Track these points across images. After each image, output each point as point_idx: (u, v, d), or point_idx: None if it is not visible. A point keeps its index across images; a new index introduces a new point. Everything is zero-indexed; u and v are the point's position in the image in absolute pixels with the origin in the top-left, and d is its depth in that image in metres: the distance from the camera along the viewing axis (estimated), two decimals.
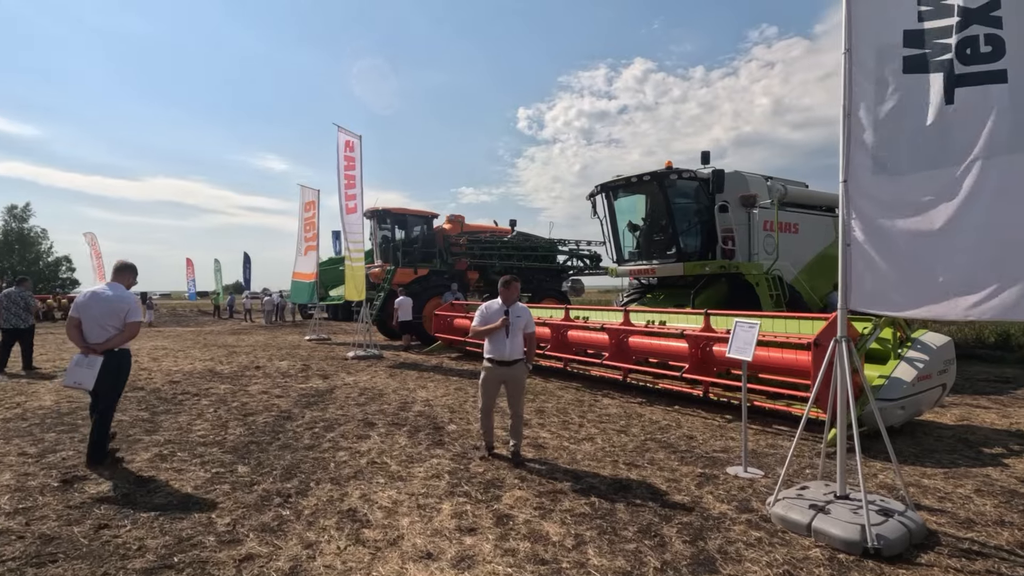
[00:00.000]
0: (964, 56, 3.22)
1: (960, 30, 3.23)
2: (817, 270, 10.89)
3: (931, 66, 3.34)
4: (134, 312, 4.79)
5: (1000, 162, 3.11)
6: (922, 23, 3.39)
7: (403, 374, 9.93)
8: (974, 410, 6.75)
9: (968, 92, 3.22)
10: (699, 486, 4.28)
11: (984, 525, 3.54)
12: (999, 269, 3.08)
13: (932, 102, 3.33)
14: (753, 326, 4.58)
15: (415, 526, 3.58)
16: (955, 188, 3.24)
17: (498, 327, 4.87)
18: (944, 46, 3.28)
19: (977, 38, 3.19)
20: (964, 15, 3.22)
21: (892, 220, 3.44)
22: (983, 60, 3.17)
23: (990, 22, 3.16)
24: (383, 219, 16.10)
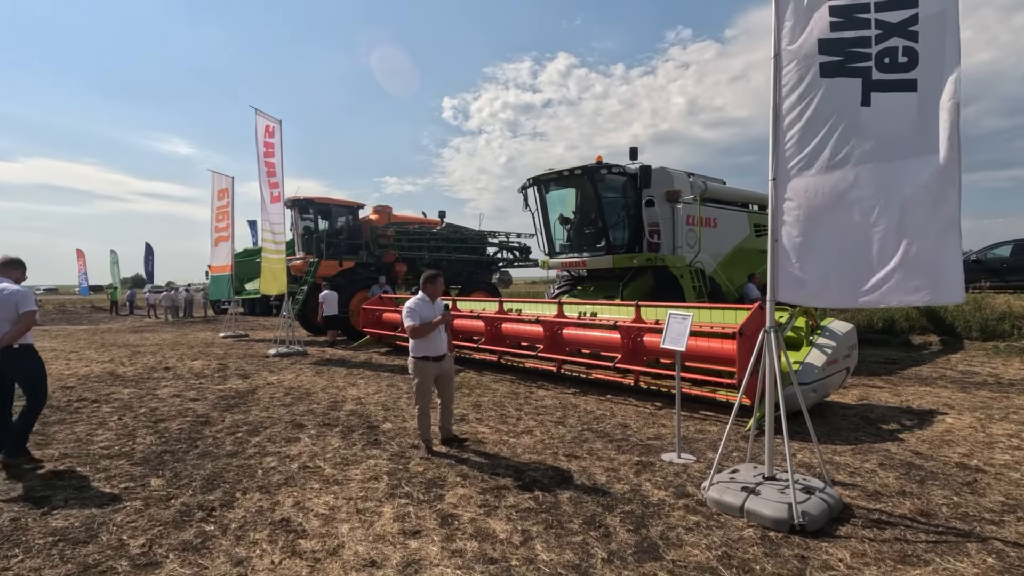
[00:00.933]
0: (882, 64, 3.48)
1: (880, 41, 3.49)
2: (733, 262, 11.57)
3: (848, 71, 3.57)
4: (25, 301, 4.45)
5: (908, 164, 3.40)
6: (835, 33, 3.62)
7: (331, 371, 9.52)
8: (870, 390, 7.44)
9: (883, 97, 3.49)
10: (637, 474, 4.40)
11: (889, 496, 3.89)
12: (907, 262, 3.38)
13: (849, 105, 3.57)
14: (686, 318, 4.75)
15: (356, 532, 3.42)
16: (868, 186, 3.51)
17: (440, 323, 4.87)
18: (862, 55, 3.53)
19: (896, 49, 3.47)
20: (885, 28, 3.50)
21: (815, 217, 3.66)
22: (900, 69, 3.45)
23: (909, 36, 3.45)
24: (305, 209, 15.31)
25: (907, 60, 3.42)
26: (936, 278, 3.36)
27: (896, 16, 3.46)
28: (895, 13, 3.47)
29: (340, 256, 14.90)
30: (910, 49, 3.41)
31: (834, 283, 3.62)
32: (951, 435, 5.32)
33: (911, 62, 3.41)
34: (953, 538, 3.27)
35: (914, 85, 3.39)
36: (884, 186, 3.49)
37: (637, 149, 10.01)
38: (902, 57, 3.43)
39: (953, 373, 8.60)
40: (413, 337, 4.90)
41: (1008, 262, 15.03)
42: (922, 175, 3.39)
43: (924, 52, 3.38)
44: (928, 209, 3.37)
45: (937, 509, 3.67)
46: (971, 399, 6.81)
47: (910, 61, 3.41)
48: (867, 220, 3.52)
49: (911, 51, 3.41)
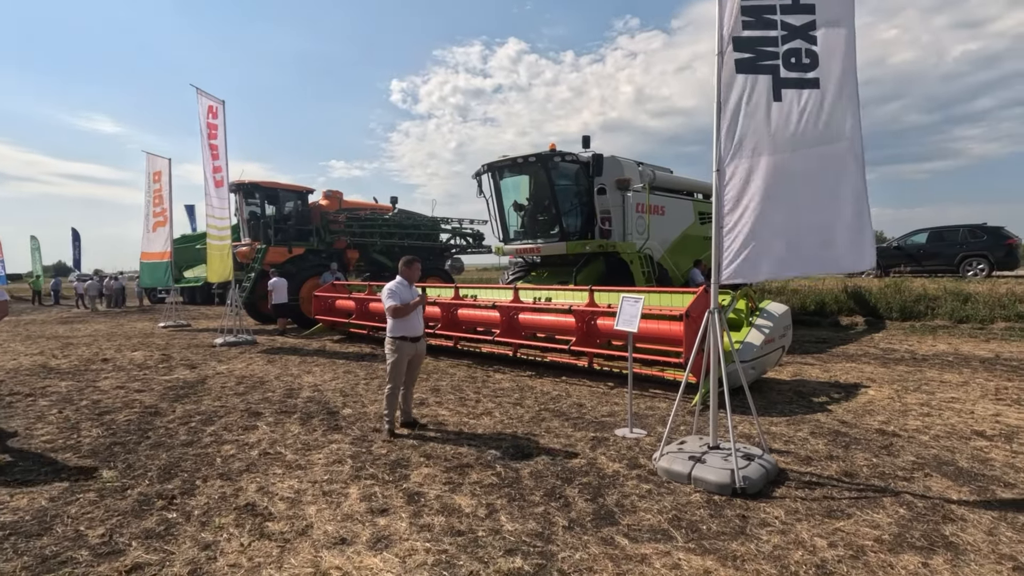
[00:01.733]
0: (789, 63, 3.89)
1: (786, 41, 3.90)
2: (680, 248, 12.08)
3: (759, 68, 3.95)
4: None
5: (817, 151, 3.86)
6: (746, 32, 3.97)
7: (283, 360, 9.35)
8: (803, 367, 8.02)
9: (791, 93, 3.89)
10: (593, 448, 4.64)
11: (818, 460, 4.29)
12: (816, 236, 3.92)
13: (762, 99, 3.95)
14: (638, 300, 5.01)
15: (323, 513, 3.48)
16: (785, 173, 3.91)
17: (418, 303, 5.08)
18: (772, 53, 3.92)
19: (800, 50, 3.88)
20: (790, 30, 3.90)
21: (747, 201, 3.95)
22: (804, 68, 3.87)
23: (809, 39, 3.86)
24: (251, 193, 14.77)
25: (809, 61, 3.84)
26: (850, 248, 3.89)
27: (798, 20, 3.87)
28: (797, 17, 3.88)
29: (289, 242, 14.52)
30: (811, 51, 3.83)
31: (765, 260, 3.96)
32: (872, 405, 5.86)
33: (812, 63, 3.83)
34: (872, 494, 3.67)
35: (817, 83, 3.82)
36: (798, 171, 3.90)
37: (590, 137, 10.26)
38: (805, 58, 3.84)
39: (875, 350, 9.37)
40: (394, 317, 5.02)
41: (924, 248, 16.34)
42: (831, 160, 3.88)
43: (823, 54, 3.82)
44: (839, 189, 3.86)
45: (859, 470, 4.08)
46: (890, 373, 7.47)
47: (812, 62, 3.83)
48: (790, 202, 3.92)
49: (812, 53, 3.83)
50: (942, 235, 16.19)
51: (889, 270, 16.61)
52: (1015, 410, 5.56)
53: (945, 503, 3.50)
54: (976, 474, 3.96)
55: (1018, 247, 15.53)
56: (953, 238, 15.86)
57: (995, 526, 3.20)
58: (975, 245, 15.34)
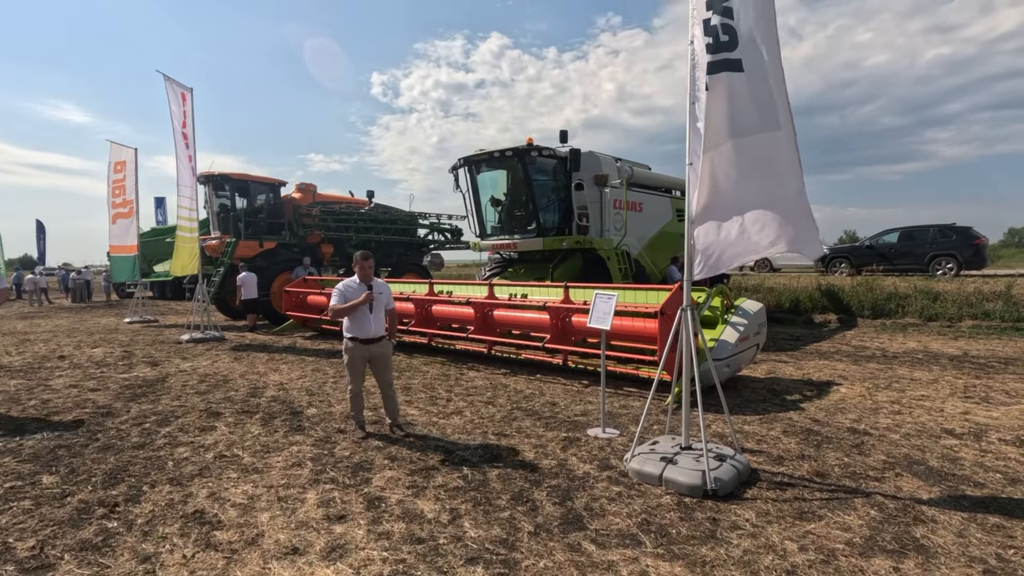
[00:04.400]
0: (710, 45, 3.52)
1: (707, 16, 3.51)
2: (657, 245, 12.04)
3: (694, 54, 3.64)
4: None
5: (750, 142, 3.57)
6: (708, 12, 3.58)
7: (250, 357, 9.06)
8: (777, 364, 8.03)
9: (715, 79, 3.54)
10: (564, 449, 4.52)
11: (790, 460, 4.24)
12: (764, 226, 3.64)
13: (700, 88, 3.67)
14: (611, 298, 4.90)
15: (276, 521, 3.30)
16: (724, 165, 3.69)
17: (362, 303, 4.64)
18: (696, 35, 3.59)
19: (717, 27, 3.47)
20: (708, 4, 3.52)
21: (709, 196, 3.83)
22: (724, 49, 3.48)
23: (724, 12, 3.45)
24: (220, 185, 14.32)
25: (728, 39, 3.45)
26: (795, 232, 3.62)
27: None
28: None
29: (260, 236, 14.12)
30: (727, 26, 3.44)
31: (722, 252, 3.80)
32: (844, 403, 5.85)
33: (732, 41, 3.44)
34: (843, 495, 3.61)
35: (740, 65, 3.45)
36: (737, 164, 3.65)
37: (567, 132, 10.11)
38: (723, 35, 3.45)
39: (848, 348, 9.44)
40: (331, 317, 4.76)
41: (896, 248, 16.61)
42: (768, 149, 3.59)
43: (740, 30, 3.43)
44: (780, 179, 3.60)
45: (830, 469, 4.03)
46: (862, 371, 7.51)
47: (731, 40, 3.44)
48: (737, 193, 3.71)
49: (729, 28, 3.43)
50: (912, 235, 16.47)
51: (861, 269, 16.85)
52: (983, 408, 5.60)
53: (916, 504, 3.46)
54: (946, 474, 3.93)
55: (985, 247, 15.88)
56: (923, 238, 16.15)
57: (965, 527, 3.16)
58: (944, 245, 15.63)
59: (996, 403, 5.77)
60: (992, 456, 4.26)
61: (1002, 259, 29.55)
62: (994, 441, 4.60)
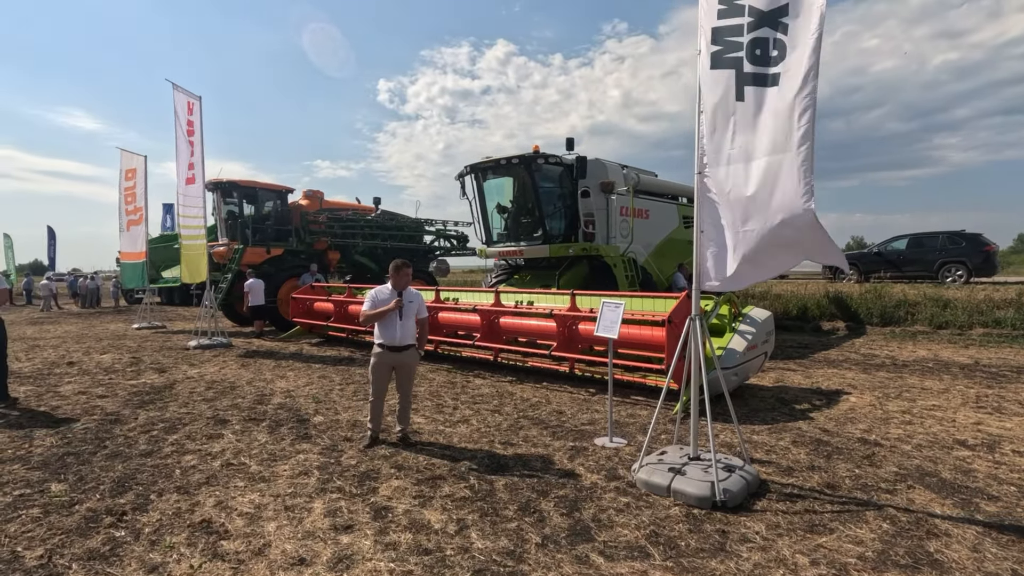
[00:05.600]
0: (753, 56, 3.44)
1: (752, 30, 3.44)
2: (664, 253, 12.01)
3: (724, 62, 3.56)
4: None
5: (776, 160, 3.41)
6: (720, 20, 3.58)
7: (257, 364, 9.08)
8: (785, 373, 7.97)
9: (754, 91, 3.46)
10: (571, 459, 4.49)
11: (800, 471, 4.19)
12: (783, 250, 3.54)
13: (729, 98, 3.57)
14: (618, 306, 4.88)
15: (283, 530, 3.29)
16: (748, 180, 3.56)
17: (391, 309, 4.67)
18: (735, 44, 3.51)
19: (768, 40, 3.40)
20: (756, 16, 3.43)
21: (720, 208, 3.78)
22: (769, 63, 3.39)
23: (779, 27, 3.37)
24: (229, 192, 14.44)
25: (777, 54, 3.37)
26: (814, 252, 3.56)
27: (767, 4, 3.41)
28: (766, 1, 3.41)
29: (268, 243, 14.21)
30: (780, 42, 3.35)
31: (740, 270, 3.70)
32: (854, 413, 5.79)
33: (780, 56, 3.35)
34: (855, 507, 3.57)
35: (777, 80, 3.37)
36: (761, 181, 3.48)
37: (573, 140, 10.14)
38: (772, 50, 3.37)
39: (857, 356, 9.36)
40: (361, 321, 4.82)
41: (904, 254, 16.49)
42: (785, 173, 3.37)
43: (792, 47, 3.32)
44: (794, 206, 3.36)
45: (841, 481, 3.98)
46: (871, 379, 7.43)
47: (779, 55, 3.36)
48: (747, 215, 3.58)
49: (781, 44, 3.35)
50: (921, 241, 16.35)
51: (870, 276, 16.74)
52: (996, 418, 5.53)
53: (929, 517, 3.41)
54: (959, 486, 3.88)
55: (996, 254, 15.74)
56: (932, 244, 16.03)
57: (980, 542, 3.11)
58: (954, 252, 15.50)
59: (1009, 413, 5.70)
60: (1006, 468, 4.20)
61: (1012, 266, 29.27)
62: (1008, 452, 4.54)
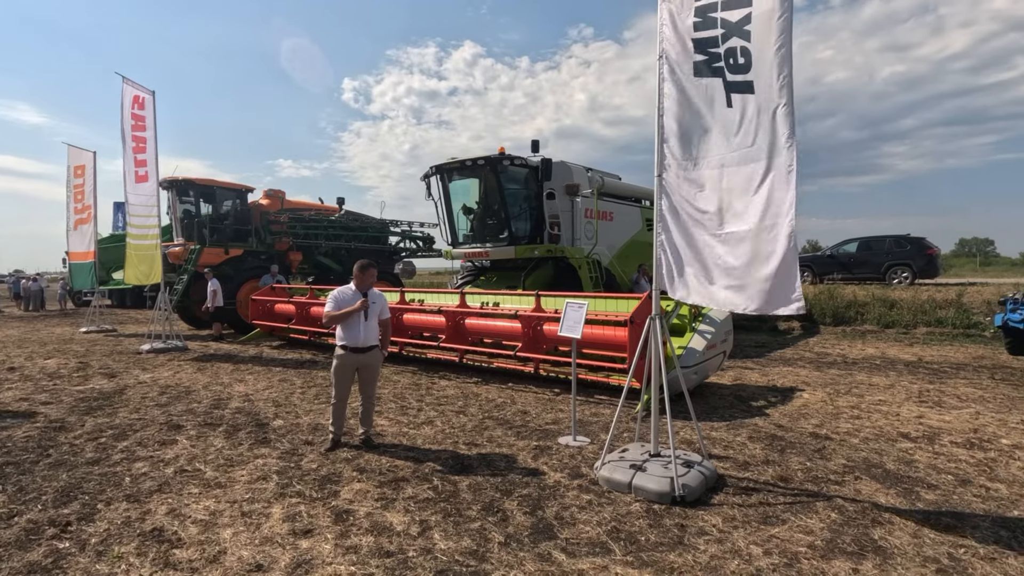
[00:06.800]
0: (731, 65, 3.59)
1: (724, 41, 3.60)
2: (627, 254, 12.22)
3: (711, 71, 3.69)
4: None
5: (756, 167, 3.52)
6: (698, 32, 3.74)
7: (215, 367, 8.81)
8: (744, 371, 8.21)
9: (740, 98, 3.59)
10: (535, 458, 4.52)
11: (755, 465, 4.33)
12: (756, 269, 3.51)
13: (716, 105, 3.69)
14: (581, 307, 4.94)
15: (240, 537, 3.20)
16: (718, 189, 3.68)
17: (357, 310, 4.62)
18: (716, 54, 3.66)
19: (736, 49, 3.55)
20: (726, 27, 3.60)
21: (685, 214, 3.88)
22: (742, 71, 3.54)
23: (744, 35, 3.52)
24: (185, 191, 13.97)
25: (744, 61, 3.51)
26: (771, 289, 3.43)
27: (735, 15, 3.56)
28: (734, 12, 3.56)
29: (226, 243, 13.80)
30: (745, 49, 3.50)
31: (693, 281, 3.81)
32: (807, 409, 6.02)
33: (747, 63, 3.49)
34: (806, 499, 3.71)
35: (752, 87, 3.49)
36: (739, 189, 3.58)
37: (538, 142, 10.21)
38: (740, 58, 3.52)
39: (810, 354, 9.73)
40: (324, 323, 4.76)
41: (855, 257, 17.22)
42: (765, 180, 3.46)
43: (755, 52, 3.46)
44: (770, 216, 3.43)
45: (794, 474, 4.13)
46: (823, 376, 7.74)
47: (747, 62, 3.50)
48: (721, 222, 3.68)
49: (746, 51, 3.50)
50: (870, 245, 17.11)
51: (823, 277, 17.40)
52: (936, 412, 5.83)
53: (874, 506, 3.57)
54: (902, 476, 4.08)
55: (938, 257, 16.60)
56: (880, 248, 16.79)
57: (920, 528, 3.28)
58: (899, 255, 16.28)
59: (948, 407, 6.02)
60: (944, 458, 4.44)
61: (953, 268, 30.88)
62: (946, 444, 4.79)
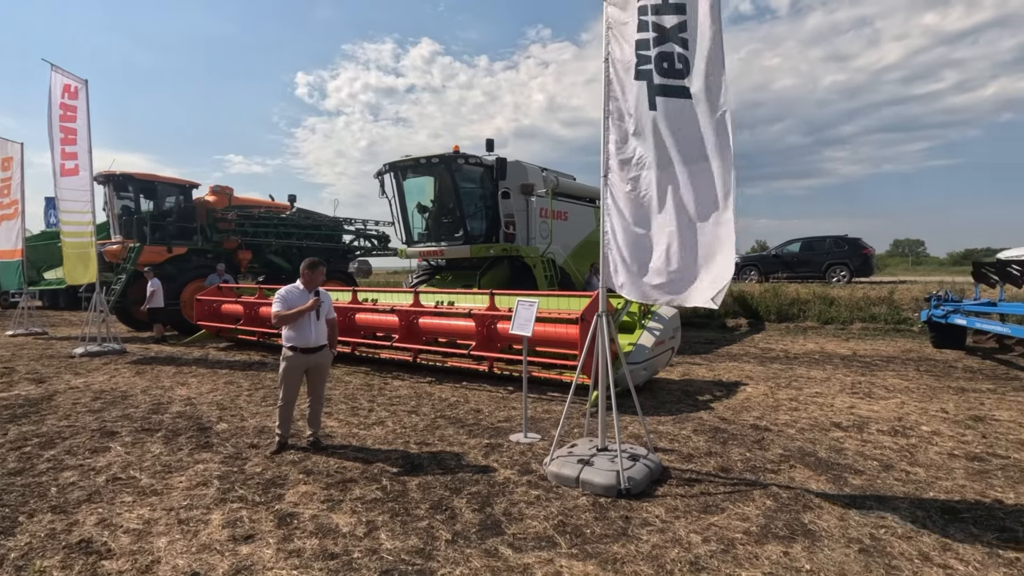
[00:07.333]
0: (662, 69, 3.69)
1: (658, 44, 3.70)
2: (582, 254, 12.39)
3: (640, 74, 3.80)
4: None
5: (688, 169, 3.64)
6: (640, 34, 3.81)
7: (155, 371, 8.43)
8: (692, 367, 8.47)
9: (666, 102, 3.70)
10: (486, 456, 4.54)
11: (699, 457, 4.48)
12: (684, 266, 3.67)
13: (642, 107, 3.80)
14: (532, 304, 4.99)
15: (176, 545, 3.09)
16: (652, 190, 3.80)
17: (308, 309, 4.52)
18: (646, 57, 3.76)
19: (672, 54, 3.66)
20: (660, 31, 3.70)
21: (626, 214, 3.98)
22: (676, 75, 3.65)
23: (680, 42, 3.64)
24: (123, 186, 13.29)
25: (682, 67, 3.63)
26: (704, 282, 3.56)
27: (670, 20, 3.67)
28: (670, 17, 3.67)
29: (169, 241, 13.21)
30: (683, 56, 3.62)
31: (635, 280, 3.92)
32: (749, 402, 6.27)
33: (685, 69, 3.62)
34: (744, 487, 3.87)
35: (688, 92, 3.61)
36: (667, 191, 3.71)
37: (493, 141, 10.24)
38: (678, 63, 3.63)
39: (755, 350, 10.12)
40: (273, 324, 4.61)
41: (798, 256, 18.03)
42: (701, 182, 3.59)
43: (693, 59, 3.59)
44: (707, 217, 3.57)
45: (734, 464, 4.30)
46: (766, 371, 8.07)
47: (684, 68, 3.62)
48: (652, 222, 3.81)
49: (684, 58, 3.62)
50: (812, 245, 17.95)
51: (769, 276, 18.14)
52: (866, 402, 6.18)
53: (806, 492, 3.76)
54: (832, 463, 4.30)
55: (873, 256, 17.58)
56: (821, 248, 17.64)
57: (846, 512, 3.47)
58: (838, 254, 17.15)
59: (877, 397, 6.39)
60: (871, 446, 4.71)
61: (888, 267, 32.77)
62: (873, 432, 5.09)
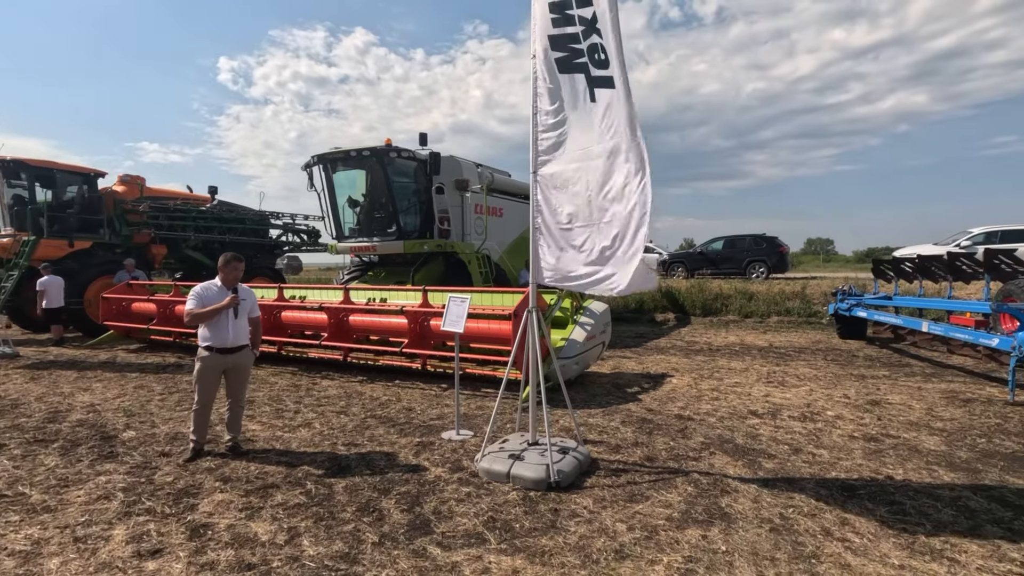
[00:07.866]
0: (594, 60, 3.74)
1: (586, 38, 3.75)
2: (516, 250, 12.46)
3: (574, 67, 3.82)
4: None
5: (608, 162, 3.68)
6: (556, 29, 3.85)
7: (54, 376, 7.71)
8: (622, 361, 8.72)
9: (603, 93, 3.73)
10: (416, 454, 4.47)
11: (626, 447, 4.62)
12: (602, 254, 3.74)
13: (580, 100, 3.82)
14: (464, 300, 4.95)
15: (70, 565, 2.83)
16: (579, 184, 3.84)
17: (226, 307, 4.26)
18: (579, 51, 3.80)
19: (597, 45, 3.71)
20: (585, 24, 3.75)
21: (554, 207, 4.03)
22: (602, 66, 3.71)
23: (597, 33, 3.69)
24: (14, 173, 12.02)
25: (604, 57, 3.68)
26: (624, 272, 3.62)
27: (587, 12, 3.72)
28: (587, 9, 3.72)
29: (70, 234, 12.10)
30: (602, 46, 3.68)
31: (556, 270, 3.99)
32: (675, 393, 6.53)
33: (606, 59, 3.67)
34: (667, 475, 4.02)
35: (611, 82, 3.67)
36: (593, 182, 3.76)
37: (427, 135, 10.09)
38: (601, 54, 3.69)
39: (681, 343, 10.57)
40: (186, 322, 4.32)
41: (721, 254, 18.98)
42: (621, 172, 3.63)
43: (609, 49, 3.66)
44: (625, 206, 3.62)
45: (659, 454, 4.46)
46: (691, 363, 8.44)
47: (606, 59, 3.68)
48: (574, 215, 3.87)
49: (603, 48, 3.68)
50: (734, 243, 18.96)
51: (695, 272, 18.99)
52: (780, 391, 6.60)
53: (724, 478, 3.95)
54: (748, 449, 4.56)
55: (788, 254, 18.79)
56: (742, 245, 18.67)
57: (759, 494, 3.68)
58: (757, 252, 18.21)
59: (789, 386, 6.84)
60: (783, 431, 5.03)
61: (802, 264, 35.18)
62: (785, 418, 5.44)
